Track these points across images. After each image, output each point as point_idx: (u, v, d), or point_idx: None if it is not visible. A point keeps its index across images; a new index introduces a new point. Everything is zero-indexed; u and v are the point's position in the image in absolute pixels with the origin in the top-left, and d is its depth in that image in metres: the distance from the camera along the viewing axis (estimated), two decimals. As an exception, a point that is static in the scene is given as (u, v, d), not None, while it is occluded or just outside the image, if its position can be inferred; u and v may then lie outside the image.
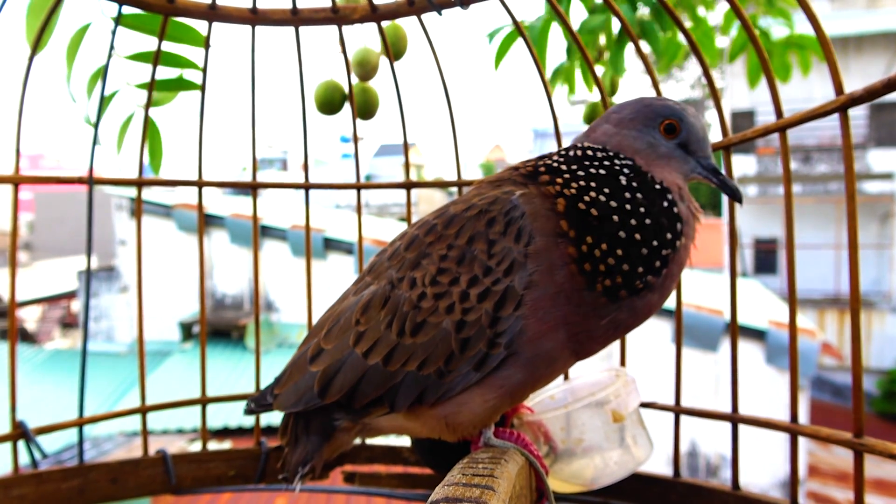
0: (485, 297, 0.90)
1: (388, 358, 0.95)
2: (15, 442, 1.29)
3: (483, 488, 0.73)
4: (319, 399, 1.01)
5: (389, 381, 0.95)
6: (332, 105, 1.59)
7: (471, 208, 0.95)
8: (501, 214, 0.91)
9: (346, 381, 0.98)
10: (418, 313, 0.93)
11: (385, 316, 0.96)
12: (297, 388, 1.04)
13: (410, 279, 0.95)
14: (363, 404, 0.99)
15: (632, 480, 1.18)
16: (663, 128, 0.95)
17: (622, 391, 1.16)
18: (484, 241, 0.91)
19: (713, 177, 0.98)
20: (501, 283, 0.89)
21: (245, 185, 1.50)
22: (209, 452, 1.43)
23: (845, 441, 0.97)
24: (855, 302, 0.97)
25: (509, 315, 0.88)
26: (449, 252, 0.93)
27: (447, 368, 0.92)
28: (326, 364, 1.00)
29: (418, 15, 1.41)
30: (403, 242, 1.00)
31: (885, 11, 17.18)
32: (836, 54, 0.99)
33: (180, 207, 10.37)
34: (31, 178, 1.28)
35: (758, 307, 9.30)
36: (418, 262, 0.95)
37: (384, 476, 1.44)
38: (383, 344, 0.95)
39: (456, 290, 0.92)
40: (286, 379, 1.08)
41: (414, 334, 0.94)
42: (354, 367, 0.98)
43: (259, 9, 1.38)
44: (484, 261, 0.90)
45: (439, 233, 0.96)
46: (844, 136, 0.98)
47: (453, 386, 0.93)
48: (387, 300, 0.96)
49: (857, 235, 0.97)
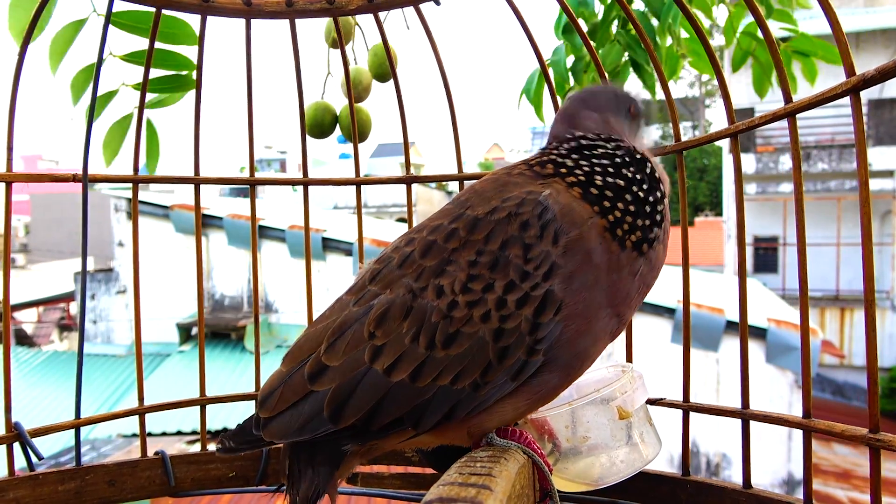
0: (524, 303, 0.87)
1: (416, 373, 0.88)
2: (10, 444, 1.27)
3: (479, 487, 0.70)
4: (331, 424, 0.90)
5: (417, 399, 0.89)
6: (322, 128, 1.57)
7: (496, 211, 0.92)
8: (535, 217, 0.90)
9: (363, 401, 0.89)
10: (450, 323, 0.88)
11: (409, 328, 0.89)
12: (298, 413, 0.92)
13: (436, 287, 0.90)
14: (382, 426, 0.90)
15: (639, 479, 1.16)
16: (631, 111, 1.07)
17: (628, 387, 1.14)
18: (519, 246, 0.89)
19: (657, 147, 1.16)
20: (541, 287, 0.87)
21: (243, 181, 1.48)
22: (209, 454, 1.40)
23: (861, 437, 0.95)
24: (870, 293, 0.94)
25: (549, 320, 0.88)
26: (479, 258, 0.90)
27: (483, 380, 0.88)
28: (335, 383, 0.91)
29: (416, 5, 1.38)
30: (417, 249, 0.94)
31: (884, 9, 17.19)
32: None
33: (178, 209, 10.36)
34: (24, 175, 1.25)
35: (758, 306, 9.29)
36: (443, 270, 0.91)
37: (386, 476, 1.42)
38: (410, 358, 0.89)
39: (491, 297, 0.88)
40: (277, 401, 0.94)
41: (446, 346, 0.88)
42: (374, 385, 0.89)
43: (253, 1, 1.35)
44: (520, 265, 0.88)
45: (464, 238, 0.92)
46: (856, 120, 0.95)
47: (487, 398, 0.90)
48: (409, 310, 0.90)
49: (871, 224, 0.95)
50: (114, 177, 1.38)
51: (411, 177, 1.50)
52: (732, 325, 8.05)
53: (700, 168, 31.12)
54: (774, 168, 17.30)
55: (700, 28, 1.23)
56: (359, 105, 1.58)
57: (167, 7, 1.29)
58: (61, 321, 19.35)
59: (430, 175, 1.52)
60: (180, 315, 10.56)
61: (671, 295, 8.19)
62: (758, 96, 2.12)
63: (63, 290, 17.56)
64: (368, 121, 1.59)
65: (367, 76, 1.57)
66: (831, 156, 16.87)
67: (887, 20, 16.47)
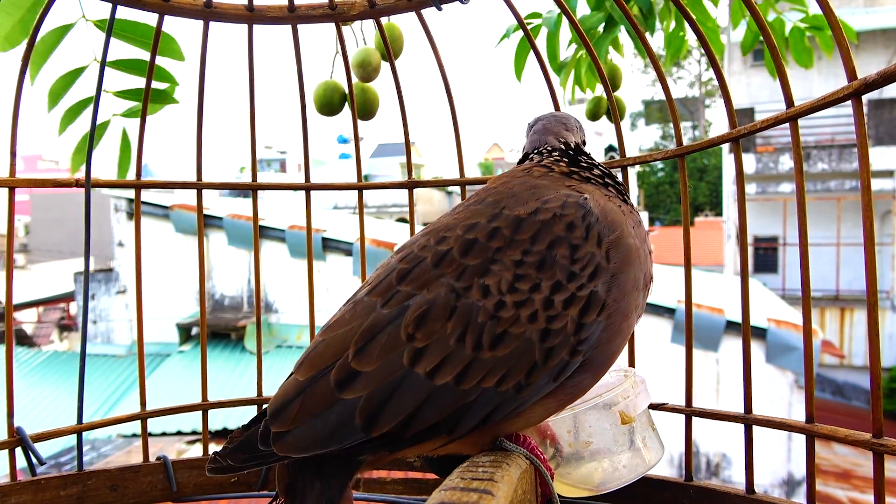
0: (570, 304, 0.88)
1: (461, 376, 0.85)
2: (12, 449, 1.27)
3: (481, 492, 0.70)
4: (363, 434, 0.85)
5: (459, 402, 0.86)
6: (331, 106, 1.56)
7: (539, 212, 0.92)
8: (579, 219, 0.91)
9: (402, 407, 0.85)
10: (497, 324, 0.87)
11: (454, 329, 0.86)
12: (323, 424, 0.86)
13: (481, 287, 0.88)
14: (416, 433, 0.86)
15: (642, 484, 1.16)
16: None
17: (631, 392, 1.14)
18: (566, 247, 0.90)
19: None
20: (586, 288, 0.88)
21: (245, 186, 1.48)
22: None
23: (864, 442, 0.95)
24: (873, 296, 0.94)
25: (593, 321, 0.89)
26: (525, 258, 0.89)
27: (527, 381, 0.87)
28: (370, 389, 0.85)
29: (417, 10, 1.38)
30: (456, 248, 0.91)
31: (884, 9, 17.19)
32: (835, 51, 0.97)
33: (178, 208, 10.35)
34: (28, 180, 1.26)
35: (758, 306, 9.29)
36: (487, 269, 0.89)
37: (388, 482, 1.42)
38: (455, 360, 0.85)
39: (538, 297, 0.88)
40: (296, 413, 0.87)
41: (493, 347, 0.86)
42: (415, 389, 0.85)
43: (255, 6, 1.35)
44: (567, 266, 0.89)
45: (509, 237, 0.91)
46: (858, 124, 0.95)
47: (527, 399, 0.89)
48: (453, 311, 0.87)
49: (874, 225, 0.95)
50: (117, 182, 1.38)
51: (413, 181, 1.50)
52: (732, 325, 8.06)
53: (700, 168, 31.13)
54: (774, 168, 17.30)
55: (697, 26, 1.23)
56: (367, 84, 1.58)
57: (170, 13, 1.29)
58: (61, 321, 19.33)
59: (431, 180, 1.53)
60: (180, 315, 10.56)
61: (671, 295, 8.19)
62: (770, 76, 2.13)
63: (63, 290, 17.55)
64: (377, 99, 1.59)
65: (376, 56, 1.56)
66: (831, 156, 16.87)
67: (887, 20, 16.47)
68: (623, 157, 1.37)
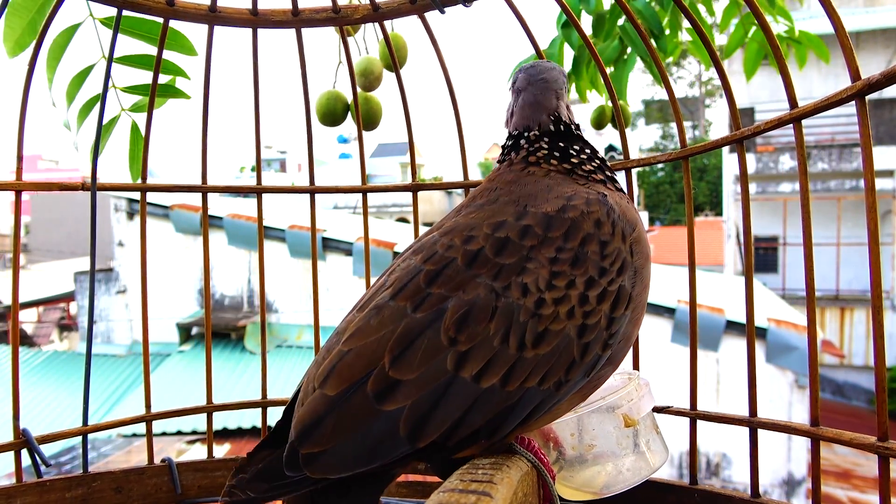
0: (603, 299, 0.89)
1: (507, 377, 0.84)
2: (18, 451, 1.27)
3: (480, 494, 0.70)
4: (409, 445, 0.81)
5: (504, 404, 0.84)
6: (334, 116, 1.57)
7: (567, 209, 0.93)
8: (605, 215, 0.93)
9: (448, 414, 0.82)
10: (539, 321, 0.86)
11: (497, 329, 0.84)
12: (363, 439, 0.81)
13: (520, 285, 0.86)
14: (461, 439, 0.83)
15: (645, 488, 1.15)
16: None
17: (634, 395, 1.14)
18: (597, 243, 0.91)
19: None
20: (615, 282, 0.91)
21: (250, 189, 1.48)
22: (215, 461, 1.41)
23: (869, 445, 0.95)
24: (877, 299, 0.94)
25: (622, 315, 0.91)
26: (559, 255, 0.89)
27: (566, 378, 0.88)
28: (414, 398, 0.81)
29: (420, 13, 1.38)
30: (488, 247, 0.89)
31: (884, 9, 17.18)
32: (834, 52, 0.97)
33: (178, 208, 10.35)
34: (34, 184, 1.26)
35: (758, 305, 9.27)
36: (523, 268, 0.88)
37: (392, 484, 1.42)
38: (500, 361, 0.83)
39: (574, 293, 0.88)
40: (331, 432, 0.82)
41: (536, 345, 0.85)
42: (462, 394, 0.82)
43: (260, 10, 1.36)
44: (598, 262, 0.90)
45: (542, 235, 0.90)
46: (862, 124, 0.95)
47: (564, 396, 0.89)
48: (494, 311, 0.85)
49: (878, 227, 0.95)
50: (122, 185, 1.38)
51: (417, 185, 1.50)
52: (732, 324, 8.06)
53: (700, 168, 31.12)
54: (774, 168, 17.29)
55: (702, 29, 1.23)
56: (370, 94, 1.58)
57: (174, 18, 1.29)
58: (61, 321, 19.33)
59: (435, 183, 1.53)
60: (180, 315, 10.55)
61: (671, 294, 8.20)
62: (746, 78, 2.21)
63: (63, 290, 17.53)
64: (380, 109, 1.59)
65: (378, 65, 1.57)
66: (831, 156, 16.86)
67: (887, 20, 16.47)
68: (627, 160, 1.37)
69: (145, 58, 1.41)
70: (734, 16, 2.14)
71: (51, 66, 1.33)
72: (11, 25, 1.25)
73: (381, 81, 1.58)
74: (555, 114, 1.05)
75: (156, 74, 1.37)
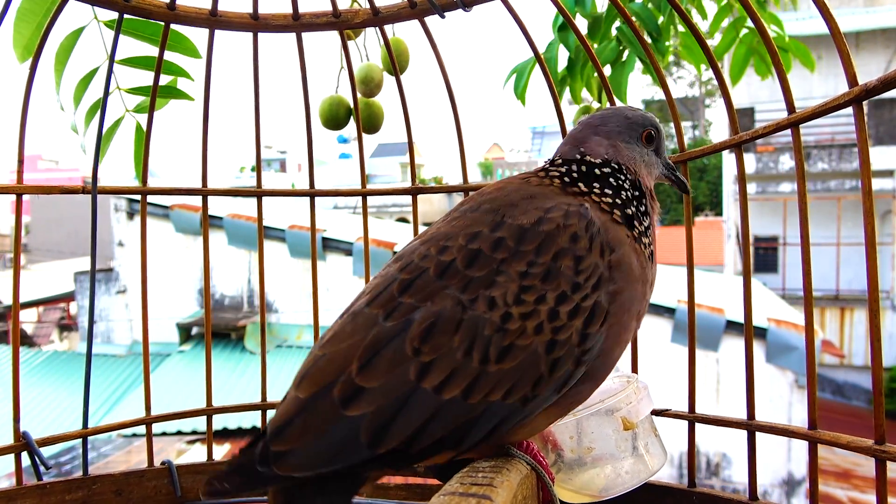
0: (575, 314, 0.88)
1: (468, 390, 0.84)
2: (18, 454, 1.28)
3: (480, 497, 0.71)
4: (369, 451, 0.83)
5: (466, 416, 0.85)
6: (337, 120, 1.58)
7: (543, 222, 0.91)
8: (583, 230, 0.91)
9: (409, 423, 0.83)
10: (504, 336, 0.86)
11: (461, 342, 0.85)
12: (326, 442, 0.83)
13: (487, 299, 0.86)
14: (423, 448, 0.84)
15: (644, 490, 1.16)
16: (644, 137, 1.07)
17: (633, 398, 1.14)
18: (571, 258, 0.89)
19: (672, 174, 1.14)
20: (590, 298, 0.89)
21: (250, 193, 1.48)
22: (216, 463, 1.41)
23: (866, 448, 0.96)
24: (874, 303, 0.95)
25: (597, 331, 0.89)
26: (531, 269, 0.88)
27: (534, 393, 0.87)
28: (375, 406, 0.83)
29: (420, 18, 1.39)
30: (459, 258, 0.89)
31: (884, 9, 17.18)
32: (833, 52, 0.97)
33: (178, 208, 10.35)
34: (35, 188, 1.26)
35: (758, 305, 9.30)
36: (493, 281, 0.87)
37: (391, 487, 1.42)
38: (462, 374, 0.84)
39: (544, 308, 0.87)
40: (299, 431, 0.84)
41: (500, 360, 0.85)
42: (422, 405, 0.83)
43: (260, 14, 1.36)
44: (571, 277, 0.88)
45: (513, 249, 0.90)
46: (859, 129, 0.96)
47: (532, 411, 0.88)
48: (459, 324, 0.85)
49: (875, 233, 0.96)
50: (123, 188, 1.38)
51: (417, 188, 1.51)
52: (732, 324, 8.06)
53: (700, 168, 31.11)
54: (774, 168, 17.30)
55: (698, 32, 1.24)
56: (372, 99, 1.59)
57: (175, 22, 1.30)
58: (61, 321, 19.33)
59: (435, 186, 1.53)
60: (180, 315, 10.56)
61: (671, 295, 8.20)
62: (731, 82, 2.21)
63: (63, 290, 17.53)
64: (381, 114, 1.60)
65: (378, 72, 1.57)
66: (831, 155, 16.87)
67: (887, 20, 16.46)
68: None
69: (148, 59, 1.42)
70: (724, 18, 2.15)
71: (58, 69, 1.34)
72: (20, 31, 1.26)
73: (381, 88, 1.58)
74: (583, 148, 1.04)
75: (157, 76, 1.37)
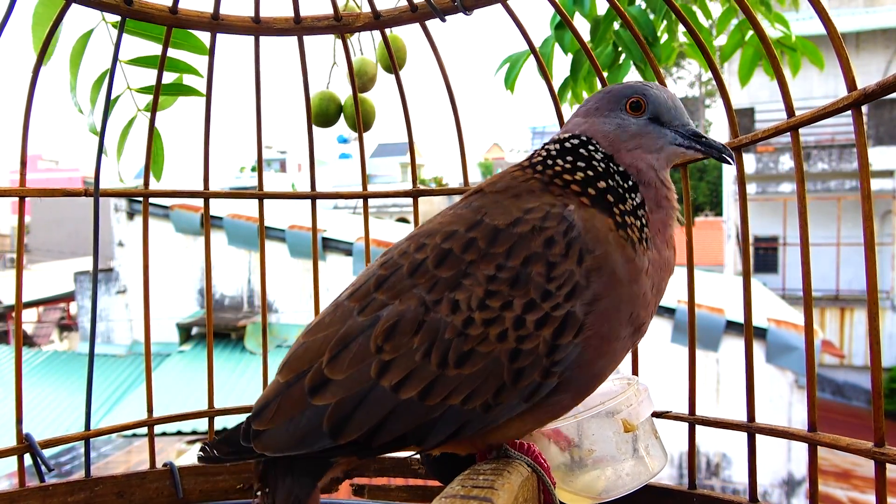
0: (543, 324, 0.84)
1: (425, 392, 0.84)
2: (21, 455, 1.28)
3: (481, 500, 0.71)
4: (330, 440, 0.86)
5: (424, 417, 0.85)
6: (327, 117, 1.57)
7: (519, 223, 0.88)
8: (560, 234, 0.86)
9: (367, 418, 0.85)
10: (464, 341, 0.84)
11: (420, 343, 0.84)
12: (294, 427, 0.87)
13: (451, 301, 0.85)
14: (384, 443, 0.86)
15: (645, 492, 1.16)
16: (629, 106, 0.98)
17: (634, 400, 1.14)
18: (542, 264, 0.85)
19: (695, 143, 0.98)
20: (562, 308, 0.84)
21: (252, 195, 1.49)
22: (216, 465, 1.41)
23: (866, 451, 0.96)
24: (873, 305, 0.95)
25: (568, 343, 0.85)
26: (499, 273, 0.85)
27: (496, 401, 0.85)
28: (338, 398, 0.86)
29: (421, 21, 1.40)
30: (431, 257, 0.89)
31: (884, 9, 17.18)
32: (833, 53, 0.98)
33: (178, 209, 10.35)
34: (37, 190, 1.27)
35: (758, 305, 9.29)
36: (459, 283, 0.86)
37: (392, 489, 1.43)
38: (419, 376, 0.84)
39: (509, 315, 0.84)
40: (274, 413, 0.89)
41: (459, 365, 0.84)
42: (380, 402, 0.85)
43: (262, 18, 1.36)
44: (542, 284, 0.85)
45: (483, 250, 0.87)
46: (858, 133, 0.96)
47: (497, 418, 0.87)
48: (420, 325, 0.85)
49: (874, 236, 0.96)
50: (125, 191, 1.39)
51: (418, 190, 1.51)
52: (732, 324, 8.06)
53: (700, 168, 31.09)
54: (774, 168, 17.30)
55: (699, 36, 1.24)
56: (364, 95, 1.58)
57: (177, 26, 1.30)
58: (61, 321, 19.33)
59: (435, 188, 1.54)
60: (180, 315, 10.55)
61: (671, 295, 8.19)
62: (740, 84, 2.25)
63: (63, 290, 17.53)
64: (373, 111, 1.60)
65: (373, 67, 1.57)
66: (831, 156, 16.87)
67: (887, 20, 16.46)
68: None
69: (155, 59, 1.42)
70: (731, 19, 2.15)
71: (73, 72, 1.36)
72: (38, 35, 1.28)
73: (374, 83, 1.58)
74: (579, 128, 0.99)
75: (159, 77, 1.37)
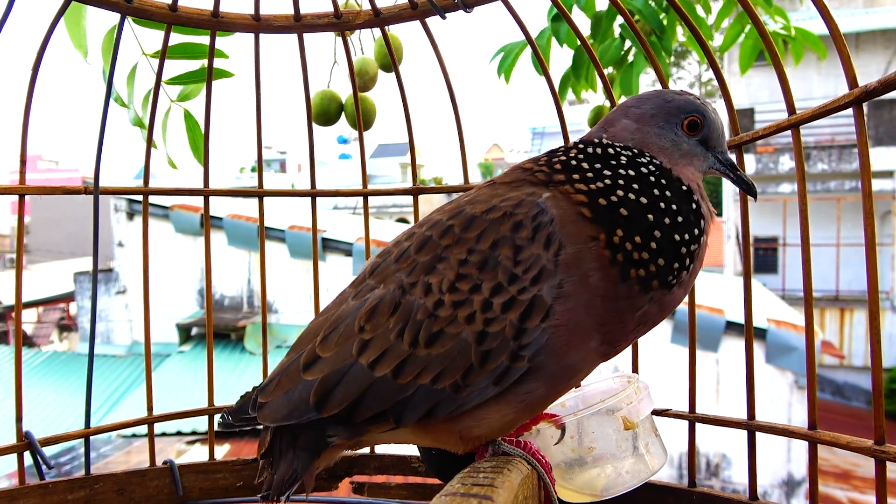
0: (510, 307, 0.86)
1: (398, 370, 0.88)
2: (21, 453, 1.28)
3: (481, 498, 0.71)
4: (316, 412, 0.92)
5: (398, 395, 0.89)
6: (327, 115, 1.58)
7: (492, 210, 0.90)
8: (529, 219, 0.87)
9: (347, 393, 0.91)
10: (434, 322, 0.88)
11: (395, 324, 0.89)
12: (288, 399, 0.95)
13: (425, 284, 0.89)
14: (365, 419, 0.92)
15: (645, 490, 1.16)
16: (686, 124, 0.95)
17: (633, 398, 1.14)
18: (510, 247, 0.87)
19: (731, 172, 0.98)
20: (528, 291, 0.85)
21: (252, 193, 1.49)
22: (217, 463, 1.41)
23: (866, 449, 0.96)
24: (874, 305, 0.95)
25: (535, 327, 0.86)
26: (469, 257, 0.88)
27: (464, 382, 0.88)
28: (324, 373, 0.92)
29: (421, 19, 1.39)
30: (413, 244, 0.93)
31: (884, 9, 17.18)
32: (833, 53, 0.98)
33: (178, 209, 10.34)
34: (37, 188, 1.27)
35: (757, 306, 9.29)
36: (433, 267, 0.90)
37: (392, 486, 1.43)
38: (393, 354, 0.89)
39: (477, 298, 0.87)
40: (274, 387, 0.97)
41: (429, 345, 0.88)
42: (358, 378, 0.90)
43: (262, 15, 1.36)
44: (509, 267, 0.86)
45: (457, 235, 0.90)
46: (859, 131, 0.96)
47: (468, 400, 0.89)
48: (397, 306, 0.90)
49: (875, 234, 0.96)
50: (125, 188, 1.39)
51: (418, 188, 1.51)
52: (732, 325, 8.05)
53: (699, 168, 31.05)
54: (774, 168, 17.30)
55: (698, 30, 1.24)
56: (364, 94, 1.59)
57: (177, 23, 1.30)
58: (61, 321, 19.32)
59: (436, 187, 1.54)
60: (180, 315, 10.54)
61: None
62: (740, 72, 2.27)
63: (63, 291, 17.52)
64: (373, 110, 1.60)
65: (374, 66, 1.57)
66: (831, 156, 16.88)
67: (887, 20, 16.46)
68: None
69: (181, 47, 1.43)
70: (730, 13, 2.15)
71: (105, 59, 1.37)
72: (72, 33, 1.30)
73: (375, 82, 1.59)
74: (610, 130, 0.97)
75: (158, 78, 1.38)
